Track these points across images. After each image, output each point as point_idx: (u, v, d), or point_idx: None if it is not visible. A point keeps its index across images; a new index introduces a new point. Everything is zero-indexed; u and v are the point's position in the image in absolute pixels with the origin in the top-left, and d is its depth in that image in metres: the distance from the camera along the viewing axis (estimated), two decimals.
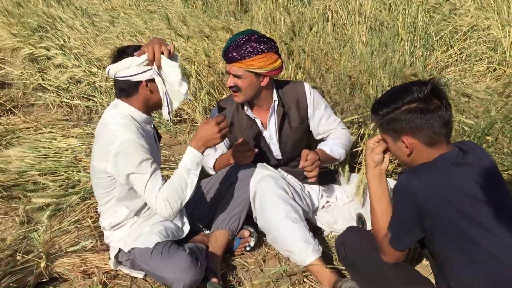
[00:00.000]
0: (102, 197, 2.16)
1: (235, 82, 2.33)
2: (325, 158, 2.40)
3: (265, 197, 2.28)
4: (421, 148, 1.61)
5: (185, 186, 2.03)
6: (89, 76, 4.09)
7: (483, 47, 5.08)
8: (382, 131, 1.70)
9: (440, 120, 1.56)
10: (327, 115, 2.56)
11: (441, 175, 1.54)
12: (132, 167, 1.98)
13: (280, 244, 2.23)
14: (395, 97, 1.63)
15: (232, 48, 2.27)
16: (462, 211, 1.51)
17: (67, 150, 3.23)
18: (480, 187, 1.52)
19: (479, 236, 1.51)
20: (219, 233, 2.34)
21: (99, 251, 2.32)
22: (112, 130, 2.02)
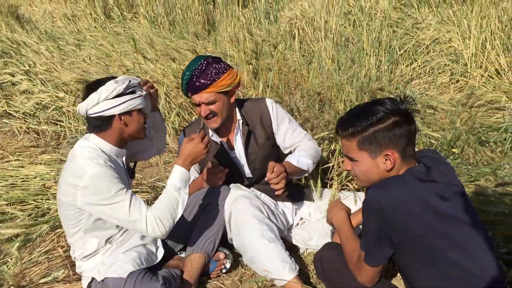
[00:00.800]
0: (70, 228, 2.10)
1: (210, 109, 2.31)
2: (292, 170, 2.38)
3: (240, 217, 2.27)
4: (398, 163, 1.62)
5: (176, 205, 2.03)
6: (56, 101, 4.03)
7: (445, 59, 5.23)
8: (359, 148, 1.65)
9: (414, 134, 1.61)
10: (292, 129, 2.56)
11: (407, 190, 1.56)
12: (107, 200, 1.94)
13: (257, 264, 2.22)
14: (375, 110, 1.60)
15: (197, 76, 2.25)
16: (428, 225, 1.53)
17: (35, 178, 3.17)
18: (444, 201, 1.55)
19: (446, 247, 1.53)
20: (195, 256, 2.31)
21: (71, 281, 2.27)
22: (79, 165, 1.97)
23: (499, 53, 4.92)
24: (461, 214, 1.57)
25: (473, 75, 4.89)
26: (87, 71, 4.11)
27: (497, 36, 5.06)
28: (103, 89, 1.95)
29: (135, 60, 4.04)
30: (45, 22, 6.64)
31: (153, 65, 3.86)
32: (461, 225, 1.55)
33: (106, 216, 1.99)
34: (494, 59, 4.93)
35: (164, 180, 3.39)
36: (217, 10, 8.29)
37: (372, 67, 4.87)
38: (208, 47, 5.00)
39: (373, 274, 1.69)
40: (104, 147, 2.05)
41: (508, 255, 1.98)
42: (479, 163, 2.97)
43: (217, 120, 2.36)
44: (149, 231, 1.98)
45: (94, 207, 1.97)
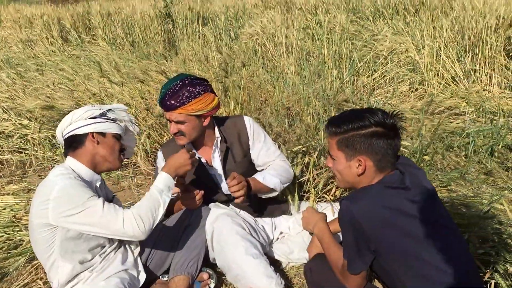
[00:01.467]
0: (44, 253, 2.03)
1: (178, 128, 2.33)
2: (257, 186, 2.41)
3: (223, 236, 2.28)
4: (372, 171, 1.69)
5: (157, 205, 2.02)
6: (20, 129, 3.93)
7: (403, 69, 5.42)
8: (338, 148, 1.73)
9: (395, 148, 1.66)
10: (266, 147, 2.58)
11: (378, 199, 1.61)
12: (79, 207, 1.90)
13: (242, 282, 2.23)
14: (361, 117, 1.68)
15: (169, 96, 2.27)
16: (402, 230, 1.59)
17: (4, 209, 3.07)
18: (416, 206, 1.61)
19: (421, 251, 1.59)
20: (179, 278, 2.30)
21: None
22: (50, 180, 1.96)
23: (453, 61, 5.14)
24: (434, 216, 1.64)
25: (430, 83, 5.08)
26: (52, 96, 4.03)
27: (450, 45, 5.29)
28: (78, 110, 1.99)
29: (100, 83, 4.00)
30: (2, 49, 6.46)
31: (119, 88, 3.83)
32: (435, 228, 1.62)
33: (80, 226, 1.93)
34: (449, 67, 5.14)
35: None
36: (177, 29, 8.30)
37: (335, 80, 4.99)
38: (173, 67, 5.00)
39: (358, 281, 1.74)
40: (78, 168, 2.04)
41: (485, 255, 2.06)
42: (446, 168, 3.09)
43: (184, 139, 2.38)
44: (127, 229, 1.94)
45: (67, 219, 1.91)
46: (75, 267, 2.06)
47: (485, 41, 5.08)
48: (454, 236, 1.67)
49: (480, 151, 3.37)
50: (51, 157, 3.92)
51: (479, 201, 2.33)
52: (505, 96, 4.57)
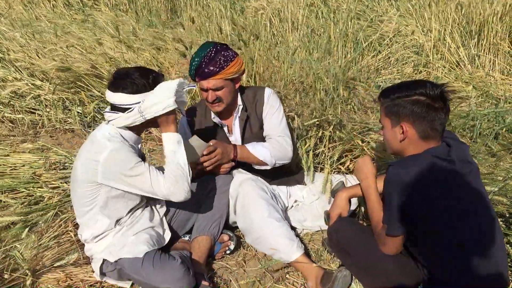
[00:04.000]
0: (84, 206, 2.15)
1: (216, 95, 2.40)
2: (244, 154, 2.49)
3: (247, 199, 2.38)
4: (414, 139, 1.79)
5: (181, 166, 2.09)
6: (33, 90, 3.95)
7: (408, 51, 5.49)
8: (385, 115, 1.86)
9: (439, 120, 1.76)
10: (274, 120, 2.58)
11: (427, 167, 1.71)
12: (128, 171, 2.02)
13: (264, 243, 2.34)
14: (409, 86, 1.80)
15: (206, 63, 2.33)
16: (445, 199, 1.70)
17: (23, 166, 3.13)
18: (461, 180, 1.72)
19: (458, 222, 1.71)
20: (202, 238, 2.41)
21: (82, 265, 2.30)
22: (99, 141, 2.05)
23: (458, 46, 5.23)
24: (474, 192, 1.75)
25: (435, 66, 5.17)
26: (67, 58, 4.04)
27: (455, 29, 5.37)
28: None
29: (117, 48, 4.02)
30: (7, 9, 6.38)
31: (135, 54, 3.86)
32: (473, 202, 1.74)
33: (128, 187, 2.07)
34: (454, 51, 5.23)
35: None
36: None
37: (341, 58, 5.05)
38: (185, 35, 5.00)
39: (395, 243, 1.83)
40: (124, 134, 2.12)
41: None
42: None
43: (221, 105, 2.46)
44: (173, 198, 2.10)
45: (117, 181, 2.05)
46: (111, 223, 2.17)
47: (490, 27, 5.17)
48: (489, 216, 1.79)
49: (485, 134, 3.49)
50: (63, 118, 3.96)
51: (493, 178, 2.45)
52: (507, 83, 4.69)
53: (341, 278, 2.10)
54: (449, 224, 1.72)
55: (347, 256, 2.06)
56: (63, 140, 3.87)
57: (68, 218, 2.54)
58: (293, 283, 2.32)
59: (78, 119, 3.84)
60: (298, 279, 2.33)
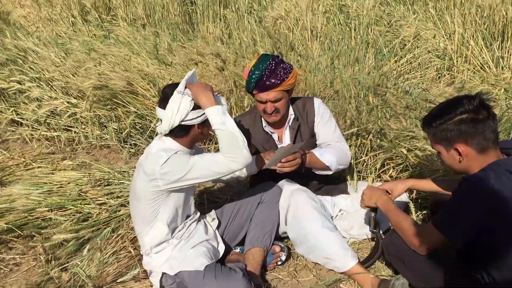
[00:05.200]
0: (144, 218, 2.23)
1: (275, 106, 2.47)
2: (312, 160, 2.51)
3: (299, 209, 2.43)
4: (473, 155, 1.81)
5: (233, 134, 2.08)
6: (69, 108, 4.03)
7: (431, 55, 5.52)
8: (435, 142, 1.90)
9: (489, 128, 1.77)
10: (328, 128, 2.68)
11: (501, 181, 1.72)
12: (184, 170, 2.09)
13: (317, 253, 2.38)
14: (447, 109, 1.82)
15: (267, 76, 2.39)
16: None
17: (69, 184, 3.20)
18: None
19: None
20: (255, 250, 2.45)
21: (140, 280, 2.36)
22: (155, 153, 2.14)
23: (482, 48, 5.25)
24: None
25: (459, 69, 5.19)
26: (103, 76, 4.11)
27: (479, 32, 5.39)
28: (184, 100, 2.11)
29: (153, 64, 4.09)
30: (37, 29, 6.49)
31: (172, 69, 3.93)
32: None
33: (193, 181, 2.13)
34: (477, 53, 5.25)
35: None
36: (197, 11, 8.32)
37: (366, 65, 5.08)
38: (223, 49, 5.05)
39: (434, 244, 1.91)
40: (178, 148, 2.18)
41: None
42: None
43: (278, 116, 2.53)
44: (235, 166, 2.09)
45: (179, 182, 2.12)
46: (168, 233, 2.24)
47: None
48: None
49: None
50: (99, 135, 4.03)
51: None
52: None
53: (399, 286, 2.13)
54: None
55: (406, 267, 2.09)
56: (100, 156, 3.94)
57: (125, 234, 2.59)
58: None
59: (114, 135, 3.91)
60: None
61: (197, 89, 2.10)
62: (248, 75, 2.44)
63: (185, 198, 2.28)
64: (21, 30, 6.19)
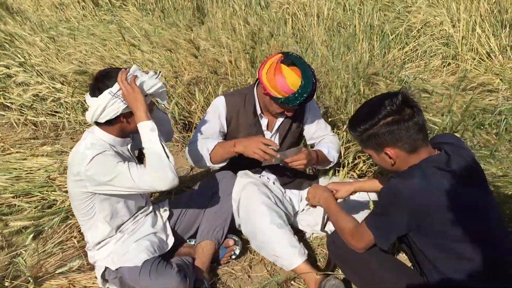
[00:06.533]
0: (84, 216, 2.15)
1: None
2: (322, 158, 2.54)
3: (249, 204, 2.33)
4: (404, 156, 1.70)
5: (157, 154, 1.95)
6: (54, 93, 4.02)
7: (437, 43, 5.29)
8: (364, 147, 1.80)
9: (415, 126, 1.65)
10: (321, 122, 2.70)
11: (428, 180, 1.62)
12: (109, 175, 1.96)
13: (266, 250, 2.29)
14: (370, 113, 1.71)
15: (310, 95, 2.30)
16: (446, 212, 1.60)
17: (39, 170, 3.18)
18: (462, 190, 1.61)
19: (460, 235, 1.61)
20: (205, 243, 2.37)
21: (86, 271, 2.31)
22: (80, 153, 2.00)
23: (489, 36, 4.99)
24: (480, 203, 1.65)
25: (464, 58, 4.96)
26: (84, 62, 4.08)
27: (486, 19, 5.13)
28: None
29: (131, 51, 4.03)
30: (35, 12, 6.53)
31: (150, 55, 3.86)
32: (479, 214, 1.63)
33: (115, 189, 2.00)
34: (484, 41, 5.00)
35: None
36: None
37: (365, 52, 4.91)
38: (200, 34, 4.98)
39: (369, 243, 1.81)
40: (108, 139, 2.09)
41: None
42: (476, 146, 3.05)
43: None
44: (158, 186, 1.97)
45: (102, 187, 2.00)
46: (112, 230, 2.17)
47: None
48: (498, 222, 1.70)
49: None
50: (83, 120, 4.01)
51: (509, 181, 2.31)
52: None
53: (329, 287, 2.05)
54: (452, 236, 1.62)
55: (346, 267, 2.00)
56: None
57: (74, 224, 2.56)
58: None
59: None
60: (303, 286, 2.27)
61: (134, 96, 1.95)
62: (297, 92, 2.26)
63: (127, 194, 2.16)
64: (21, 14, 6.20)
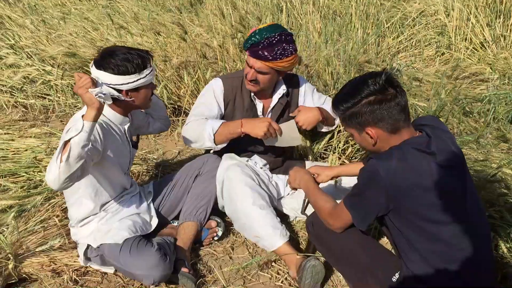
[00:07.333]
0: (69, 189, 2.12)
1: (256, 76, 2.39)
2: (327, 113, 2.58)
3: (232, 185, 2.33)
4: (385, 137, 1.70)
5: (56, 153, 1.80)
6: (43, 75, 4.01)
7: (431, 32, 5.27)
8: (346, 125, 1.79)
9: (397, 107, 1.64)
10: (318, 96, 2.73)
11: (405, 160, 1.61)
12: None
13: (248, 231, 2.30)
14: (353, 92, 1.70)
15: (264, 46, 2.29)
16: (424, 194, 1.60)
17: (26, 151, 3.17)
18: (440, 172, 1.61)
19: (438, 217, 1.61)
20: (187, 224, 2.38)
21: (67, 249, 2.32)
22: (75, 118, 2.00)
23: (483, 26, 4.98)
24: (457, 184, 1.65)
25: (458, 48, 4.95)
26: (74, 44, 4.07)
27: (481, 9, 5.11)
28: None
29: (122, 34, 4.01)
30: None
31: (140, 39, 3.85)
32: (455, 196, 1.63)
33: None
34: (478, 31, 4.99)
35: (154, 152, 3.43)
36: None
37: (359, 40, 4.90)
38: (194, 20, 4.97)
39: (347, 223, 1.82)
40: (107, 114, 2.10)
41: (489, 218, 2.07)
42: (463, 132, 3.06)
43: (256, 87, 2.45)
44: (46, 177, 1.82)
45: None
46: (95, 207, 2.17)
47: None
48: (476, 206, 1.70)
49: (500, 118, 3.31)
50: (73, 103, 4.00)
51: (489, 165, 2.31)
52: None
53: (309, 268, 2.06)
54: (429, 217, 1.62)
55: (324, 247, 2.01)
56: None
57: (57, 203, 2.56)
58: (278, 271, 2.28)
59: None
60: (284, 268, 2.28)
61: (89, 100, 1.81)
62: (249, 34, 2.36)
63: (111, 173, 2.17)
64: None
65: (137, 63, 2.01)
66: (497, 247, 1.92)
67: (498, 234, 1.99)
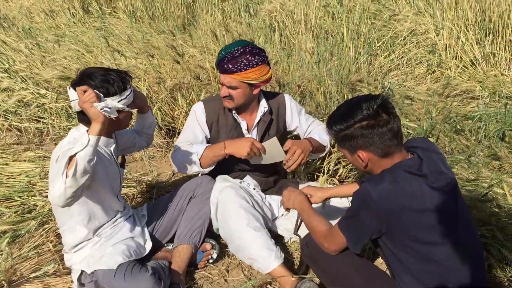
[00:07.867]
0: (62, 217, 2.14)
1: (229, 92, 2.43)
2: (315, 144, 2.56)
3: (227, 207, 2.34)
4: (376, 160, 1.72)
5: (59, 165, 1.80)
6: (38, 98, 4.03)
7: (422, 50, 5.35)
8: (339, 145, 1.82)
9: (390, 133, 1.67)
10: (310, 118, 2.76)
11: (397, 183, 1.63)
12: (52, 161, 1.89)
13: (243, 252, 2.30)
14: (347, 114, 1.72)
15: (228, 60, 2.35)
16: (416, 217, 1.62)
17: (20, 175, 3.18)
18: (433, 195, 1.63)
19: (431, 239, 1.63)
20: (182, 247, 2.38)
21: (62, 275, 2.30)
22: (61, 145, 1.98)
23: (473, 44, 5.05)
24: (449, 206, 1.66)
25: (448, 66, 5.02)
26: (68, 68, 4.10)
27: (470, 28, 5.19)
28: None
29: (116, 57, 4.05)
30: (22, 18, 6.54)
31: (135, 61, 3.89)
32: (448, 217, 1.65)
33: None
34: (468, 49, 5.06)
35: (148, 174, 3.44)
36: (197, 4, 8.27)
37: (350, 60, 4.96)
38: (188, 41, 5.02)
39: (342, 246, 1.83)
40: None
41: (481, 238, 2.09)
42: (454, 151, 3.09)
43: (232, 103, 2.48)
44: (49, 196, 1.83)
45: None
46: (89, 233, 2.16)
47: (506, 24, 4.97)
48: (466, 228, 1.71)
49: (491, 135, 3.35)
50: (67, 126, 4.01)
51: (480, 184, 2.34)
52: None
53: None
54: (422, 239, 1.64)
55: (319, 269, 2.02)
56: None
57: (51, 228, 2.55)
58: None
59: None
60: None
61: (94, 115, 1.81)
62: (220, 51, 2.44)
63: (103, 196, 2.17)
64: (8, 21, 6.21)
65: (118, 86, 2.01)
66: (490, 266, 1.93)
67: (490, 254, 2.01)
